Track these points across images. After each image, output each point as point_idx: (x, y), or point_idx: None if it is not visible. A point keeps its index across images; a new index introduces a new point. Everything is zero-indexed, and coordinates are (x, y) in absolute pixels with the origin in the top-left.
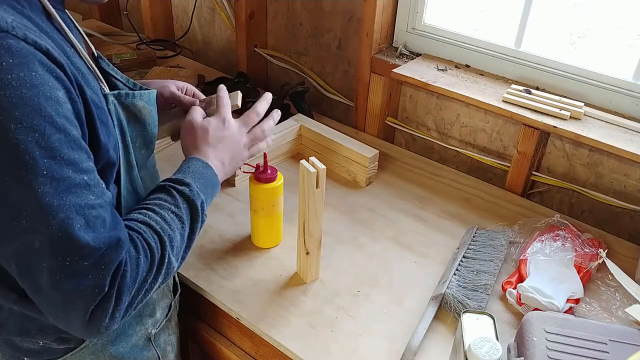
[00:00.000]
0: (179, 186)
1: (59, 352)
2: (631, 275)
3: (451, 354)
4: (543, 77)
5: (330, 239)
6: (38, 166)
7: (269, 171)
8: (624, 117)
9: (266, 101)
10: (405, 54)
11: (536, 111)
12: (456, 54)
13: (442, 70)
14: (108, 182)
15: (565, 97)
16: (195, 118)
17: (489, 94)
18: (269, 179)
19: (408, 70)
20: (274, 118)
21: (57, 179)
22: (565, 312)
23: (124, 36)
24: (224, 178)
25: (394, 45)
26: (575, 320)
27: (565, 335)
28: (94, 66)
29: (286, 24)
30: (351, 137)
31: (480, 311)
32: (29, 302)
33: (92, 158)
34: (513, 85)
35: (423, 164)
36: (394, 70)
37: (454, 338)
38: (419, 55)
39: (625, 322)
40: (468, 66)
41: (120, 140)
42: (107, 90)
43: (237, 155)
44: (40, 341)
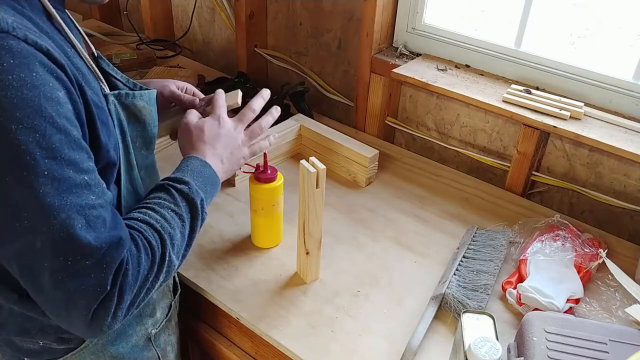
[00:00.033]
0: (177, 185)
1: (59, 352)
2: (631, 275)
3: (451, 354)
4: (543, 77)
5: (330, 239)
6: (39, 167)
7: (269, 171)
8: (624, 117)
9: (262, 98)
10: (405, 54)
11: (536, 111)
12: (456, 54)
13: (442, 70)
14: (108, 182)
15: (565, 97)
16: (191, 119)
17: (489, 94)
18: (269, 179)
19: (408, 70)
20: (273, 115)
21: (58, 179)
22: (565, 312)
23: (124, 36)
24: (224, 176)
25: (394, 45)
26: (575, 320)
27: (565, 335)
28: (94, 66)
29: (286, 24)
30: (351, 137)
31: (480, 311)
32: (29, 303)
33: (93, 158)
34: (513, 85)
35: (423, 164)
36: (394, 70)
37: (454, 338)
38: (419, 55)
39: (625, 322)
40: (468, 66)
41: (120, 140)
42: (108, 91)
43: (237, 152)
44: (41, 341)
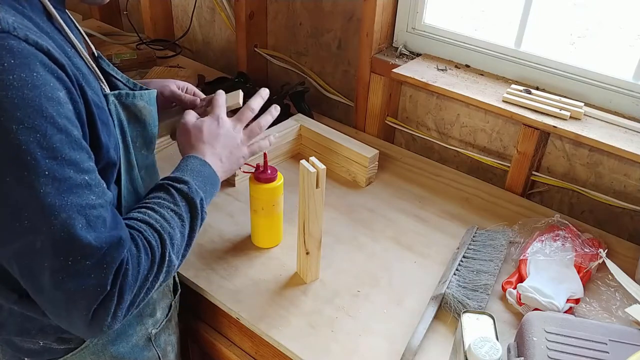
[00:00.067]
0: (177, 184)
1: (60, 352)
2: (631, 275)
3: (451, 354)
4: (543, 77)
5: (330, 239)
6: (39, 167)
7: (269, 171)
8: (624, 117)
9: (261, 97)
10: (405, 54)
11: (536, 111)
12: (456, 54)
13: (442, 70)
14: (109, 182)
15: (565, 97)
16: (189, 120)
17: (489, 94)
18: (269, 179)
19: (408, 70)
20: (272, 114)
21: (59, 180)
22: (565, 312)
23: (124, 36)
24: (223, 175)
25: (394, 45)
26: (575, 320)
27: (565, 335)
28: (94, 66)
29: (286, 24)
30: (351, 137)
31: (480, 311)
32: (29, 303)
33: (93, 158)
34: (513, 85)
35: (423, 164)
36: (394, 70)
37: (454, 338)
38: (419, 55)
39: (625, 322)
40: (468, 66)
41: (120, 140)
42: (108, 90)
43: (236, 152)
44: (41, 341)
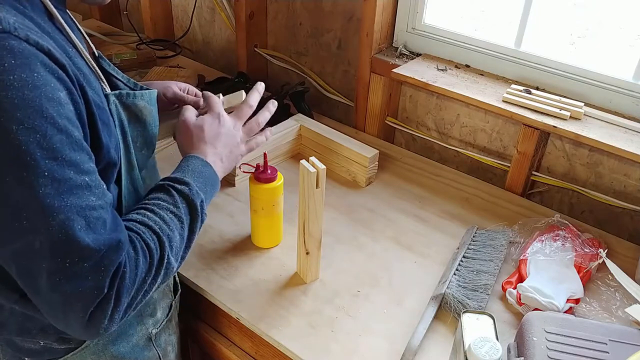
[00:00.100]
0: (178, 185)
1: (60, 352)
2: (631, 275)
3: (451, 354)
4: (543, 77)
5: (330, 239)
6: (39, 167)
7: (269, 171)
8: (624, 117)
9: (258, 92)
10: (405, 54)
11: (536, 111)
12: (456, 54)
13: (442, 70)
14: (109, 183)
15: (565, 97)
16: (189, 117)
17: (489, 94)
18: (269, 179)
19: (408, 70)
20: (270, 109)
21: (58, 180)
22: (565, 312)
23: (124, 36)
24: (222, 175)
25: (394, 45)
26: (575, 320)
27: (565, 335)
28: (95, 66)
29: (286, 24)
30: (351, 137)
31: (480, 311)
32: (30, 302)
33: (94, 159)
34: (513, 85)
35: (423, 164)
36: (394, 70)
37: (454, 338)
38: (419, 55)
39: (625, 322)
40: (468, 66)
41: (121, 140)
42: (109, 90)
43: (235, 150)
44: (41, 341)
